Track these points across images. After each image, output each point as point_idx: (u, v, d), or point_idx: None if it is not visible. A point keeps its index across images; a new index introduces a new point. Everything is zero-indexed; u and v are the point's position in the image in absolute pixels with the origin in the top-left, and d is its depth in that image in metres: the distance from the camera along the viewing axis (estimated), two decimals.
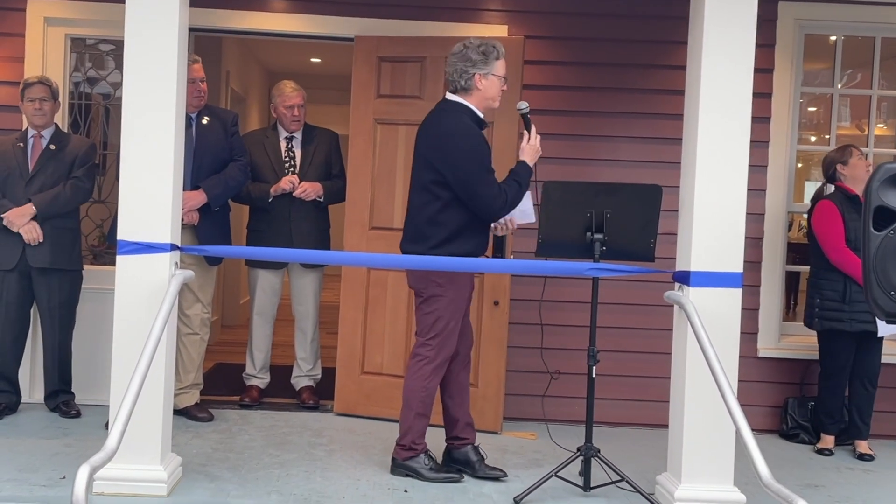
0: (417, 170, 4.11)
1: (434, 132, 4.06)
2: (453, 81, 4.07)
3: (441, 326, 4.06)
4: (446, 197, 4.00)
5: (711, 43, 3.76)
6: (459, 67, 4.04)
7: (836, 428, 4.98)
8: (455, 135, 3.97)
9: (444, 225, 4.03)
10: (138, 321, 3.64)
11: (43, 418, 4.85)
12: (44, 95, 4.83)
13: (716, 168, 3.78)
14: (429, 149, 4.04)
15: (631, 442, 4.91)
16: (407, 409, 4.12)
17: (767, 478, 2.86)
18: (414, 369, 4.12)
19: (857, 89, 6.27)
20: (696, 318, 3.54)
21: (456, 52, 4.07)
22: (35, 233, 4.72)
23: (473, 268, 4.84)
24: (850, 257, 4.76)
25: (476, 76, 4.03)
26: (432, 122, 4.11)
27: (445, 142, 3.98)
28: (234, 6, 5.26)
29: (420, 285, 4.11)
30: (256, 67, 9.50)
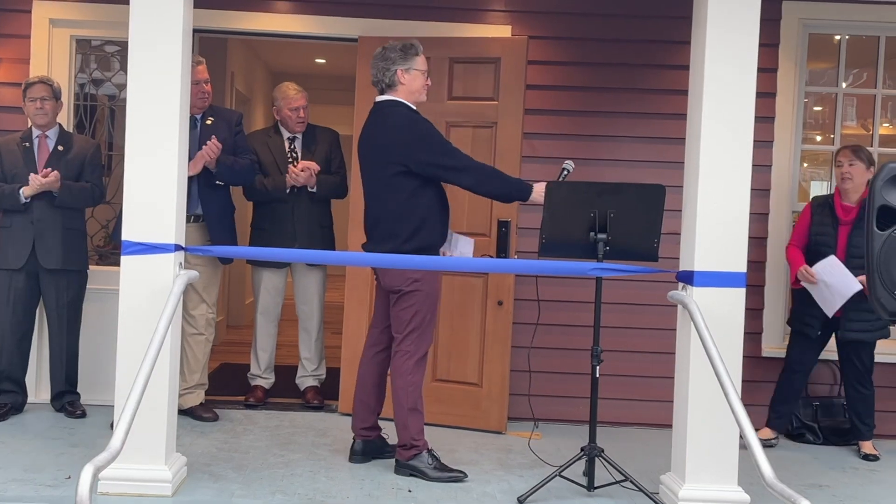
0: (373, 171, 4.19)
1: (382, 130, 4.16)
2: (379, 82, 4.22)
3: (419, 320, 4.15)
4: (411, 187, 4.10)
5: (714, 43, 3.76)
6: (381, 66, 4.19)
7: (780, 423, 5.01)
8: (406, 124, 4.13)
9: (410, 217, 4.13)
10: (143, 321, 3.65)
11: (49, 418, 4.87)
12: (45, 95, 4.84)
13: (719, 168, 3.78)
14: (383, 146, 4.13)
15: (635, 442, 4.91)
16: (398, 407, 4.16)
17: (771, 477, 2.86)
18: (397, 366, 4.18)
19: (861, 88, 6.26)
20: (699, 317, 3.54)
21: (376, 55, 4.23)
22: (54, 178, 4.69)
23: (477, 268, 4.87)
24: (790, 257, 4.93)
25: (398, 72, 4.17)
26: (375, 123, 4.22)
27: (400, 133, 4.10)
28: (238, 7, 5.28)
29: (396, 283, 4.15)
30: (261, 68, 9.52)
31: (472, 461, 4.45)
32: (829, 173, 10.77)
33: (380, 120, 4.19)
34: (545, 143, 5.24)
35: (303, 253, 4.84)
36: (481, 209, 5.03)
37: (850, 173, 4.75)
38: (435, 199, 4.18)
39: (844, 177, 4.77)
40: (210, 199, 4.93)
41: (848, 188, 4.78)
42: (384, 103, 4.22)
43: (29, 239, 4.78)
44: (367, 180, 4.26)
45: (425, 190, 4.14)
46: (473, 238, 4.43)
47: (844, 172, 4.77)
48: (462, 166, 4.10)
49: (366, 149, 4.26)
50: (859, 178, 4.77)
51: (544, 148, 5.23)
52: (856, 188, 4.77)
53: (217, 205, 4.98)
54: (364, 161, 4.28)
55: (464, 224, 5.06)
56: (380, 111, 4.22)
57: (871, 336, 4.81)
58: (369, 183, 4.24)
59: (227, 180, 4.97)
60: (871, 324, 4.74)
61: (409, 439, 4.14)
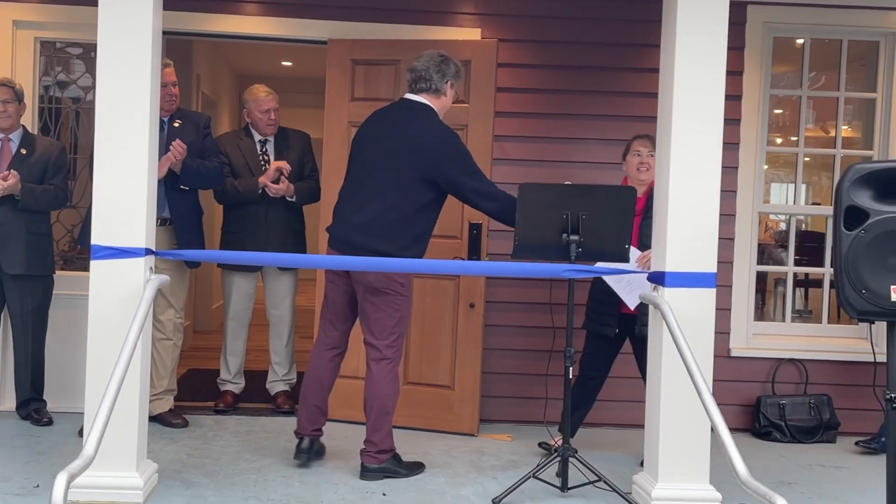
0: (389, 166, 4.07)
1: (414, 128, 4.10)
2: (428, 80, 4.16)
3: (403, 326, 4.17)
4: (429, 198, 4.08)
5: (684, 46, 3.80)
6: (438, 70, 4.16)
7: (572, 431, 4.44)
8: (442, 133, 4.11)
9: (415, 225, 4.11)
10: (113, 327, 3.60)
11: (14, 426, 4.79)
12: (7, 97, 4.77)
13: (689, 170, 3.81)
14: (413, 147, 4.06)
15: (608, 442, 4.94)
16: (380, 413, 4.12)
17: (745, 475, 2.89)
18: (384, 374, 4.12)
19: (823, 91, 6.36)
20: (671, 318, 3.57)
21: (435, 56, 4.18)
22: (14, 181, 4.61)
23: (449, 270, 4.87)
24: None
25: (449, 83, 4.20)
26: (402, 118, 4.14)
27: (434, 139, 4.07)
28: (206, 9, 5.24)
29: (381, 283, 4.10)
30: (227, 71, 9.45)
31: (444, 464, 4.45)
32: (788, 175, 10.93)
33: (409, 116, 4.13)
34: (516, 146, 5.26)
35: (275, 256, 4.81)
36: (452, 211, 5.00)
37: (649, 164, 4.47)
38: (435, 216, 4.18)
39: (640, 167, 4.50)
40: (177, 203, 4.87)
41: (645, 179, 4.48)
42: (417, 103, 4.16)
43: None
44: (375, 173, 4.09)
45: (436, 205, 4.14)
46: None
47: (642, 162, 4.51)
48: (487, 192, 4.10)
49: (385, 140, 4.10)
50: (654, 170, 4.35)
51: (515, 150, 5.25)
52: (650, 179, 4.46)
53: (185, 208, 4.93)
54: (376, 151, 4.10)
55: (435, 226, 5.06)
56: (409, 108, 4.16)
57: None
58: (377, 176, 4.09)
59: (193, 184, 4.92)
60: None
61: (384, 444, 4.13)
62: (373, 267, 4.03)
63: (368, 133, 4.21)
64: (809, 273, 7.03)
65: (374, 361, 4.15)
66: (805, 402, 5.24)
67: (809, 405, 5.23)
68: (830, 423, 5.22)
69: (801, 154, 5.64)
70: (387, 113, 4.24)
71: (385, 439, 4.13)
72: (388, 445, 4.14)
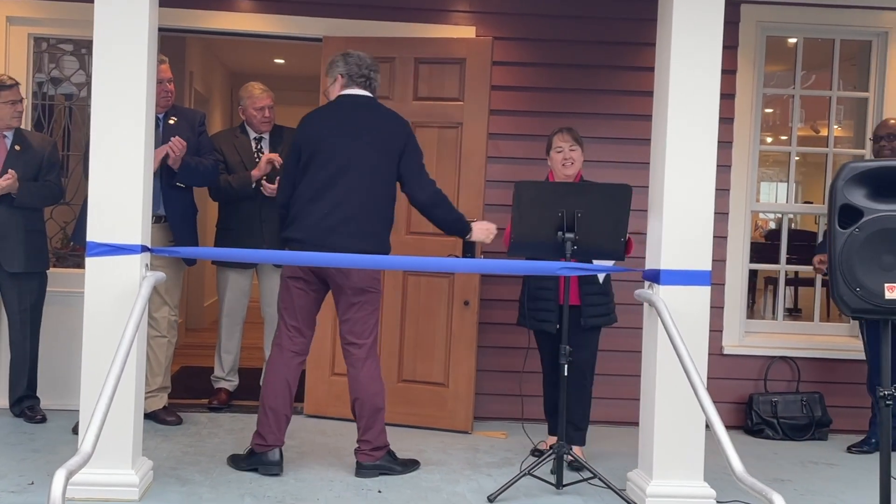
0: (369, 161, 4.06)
1: (382, 122, 4.15)
2: (373, 81, 4.21)
3: (378, 323, 4.22)
4: (394, 188, 4.17)
5: (679, 46, 3.81)
6: (377, 72, 4.24)
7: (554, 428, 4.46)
8: (404, 123, 4.20)
9: (389, 218, 4.19)
10: (108, 324, 3.59)
11: (8, 424, 4.77)
12: (21, 97, 4.80)
13: (684, 168, 3.83)
14: (385, 140, 4.10)
15: (602, 440, 4.95)
16: (376, 411, 4.12)
17: (741, 472, 2.91)
18: (372, 372, 4.13)
19: (815, 90, 6.40)
20: (667, 315, 3.58)
21: (370, 59, 4.23)
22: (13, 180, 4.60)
23: (443, 268, 4.88)
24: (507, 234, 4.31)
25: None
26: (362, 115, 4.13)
27: (401, 130, 4.15)
28: (200, 6, 5.23)
29: (363, 283, 4.10)
30: (220, 68, 9.43)
31: (440, 461, 4.46)
32: (778, 174, 10.99)
33: (372, 112, 4.14)
34: (510, 144, 5.27)
35: (270, 254, 4.80)
36: None
37: (572, 158, 4.39)
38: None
39: (565, 163, 4.38)
40: (172, 200, 4.87)
41: (571, 174, 4.39)
42: (372, 100, 4.19)
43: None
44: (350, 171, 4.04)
45: (396, 193, 4.19)
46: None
47: (566, 158, 4.39)
48: (429, 182, 4.18)
49: (353, 138, 4.06)
50: (579, 163, 4.42)
51: (509, 148, 5.26)
52: (576, 173, 4.42)
53: (180, 205, 4.92)
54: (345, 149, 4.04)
55: (429, 224, 5.06)
56: (367, 104, 4.16)
57: (605, 321, 4.43)
58: (352, 174, 4.04)
59: (189, 181, 4.91)
60: (607, 307, 4.41)
61: (378, 440, 4.13)
62: (370, 265, 4.04)
63: (328, 133, 4.08)
64: (799, 272, 7.08)
65: (360, 361, 4.12)
66: (797, 400, 5.27)
67: (801, 403, 5.26)
68: (822, 421, 5.25)
69: (794, 153, 5.68)
70: (339, 110, 4.14)
71: (379, 436, 4.14)
72: (383, 442, 4.15)
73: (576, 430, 4.35)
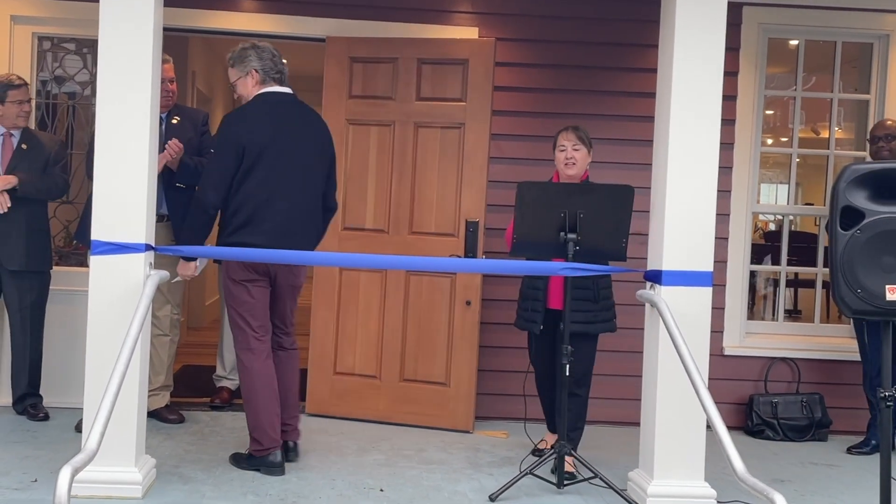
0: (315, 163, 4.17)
1: (317, 122, 4.27)
2: (285, 76, 4.24)
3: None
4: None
5: (682, 47, 3.83)
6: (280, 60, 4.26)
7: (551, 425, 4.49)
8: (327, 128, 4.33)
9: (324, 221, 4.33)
10: (112, 322, 3.61)
11: (10, 421, 4.78)
12: (29, 97, 4.83)
13: (687, 169, 3.85)
14: (323, 140, 4.23)
15: (604, 439, 4.97)
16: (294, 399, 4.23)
17: (743, 472, 2.93)
18: (295, 361, 4.32)
19: (816, 92, 6.42)
20: (669, 316, 3.60)
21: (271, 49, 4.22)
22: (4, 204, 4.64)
23: (446, 268, 4.91)
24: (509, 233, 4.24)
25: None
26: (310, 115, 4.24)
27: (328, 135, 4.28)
28: (203, 6, 5.24)
29: (303, 278, 4.29)
30: (221, 67, 9.38)
31: (441, 460, 4.48)
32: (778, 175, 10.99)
33: (305, 112, 4.22)
34: (512, 144, 5.29)
35: (274, 253, 4.78)
36: (449, 209, 5.07)
37: (575, 158, 4.31)
38: None
39: (567, 162, 4.31)
40: (175, 199, 4.87)
41: (573, 175, 4.32)
42: (297, 98, 4.25)
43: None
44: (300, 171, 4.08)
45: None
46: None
47: (568, 158, 4.31)
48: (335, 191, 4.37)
49: (298, 135, 4.10)
50: (582, 164, 4.33)
51: (511, 149, 5.28)
52: (579, 173, 4.34)
53: (183, 204, 4.91)
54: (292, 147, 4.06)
55: (432, 224, 5.10)
56: (296, 103, 4.22)
57: (594, 328, 4.30)
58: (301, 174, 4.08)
59: (190, 181, 4.91)
60: (595, 314, 4.28)
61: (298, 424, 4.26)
62: (375, 264, 4.09)
63: (273, 133, 4.04)
64: (799, 273, 7.10)
65: (291, 349, 4.32)
66: (797, 401, 5.29)
67: (801, 404, 5.27)
68: (822, 422, 5.27)
69: (795, 155, 5.69)
70: (274, 110, 4.12)
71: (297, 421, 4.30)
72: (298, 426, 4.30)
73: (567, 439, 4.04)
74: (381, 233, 5.17)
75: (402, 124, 5.14)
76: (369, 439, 4.78)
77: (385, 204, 5.16)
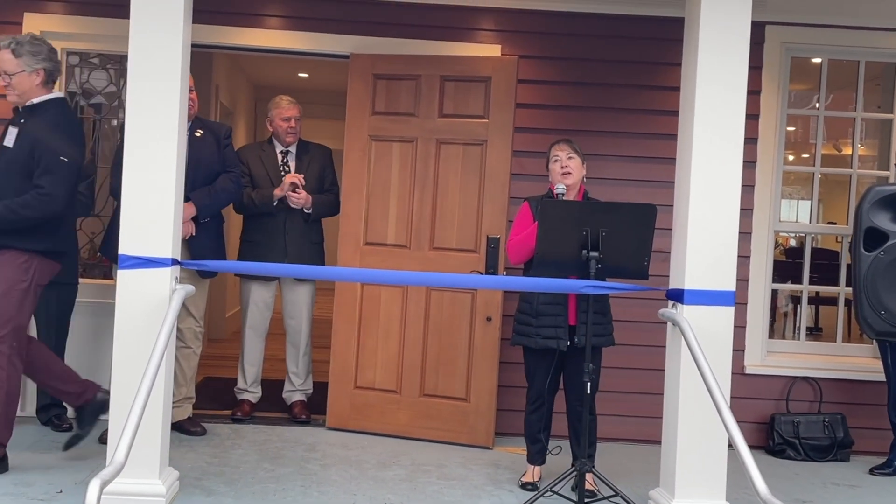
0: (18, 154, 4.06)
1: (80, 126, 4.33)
2: (54, 73, 4.25)
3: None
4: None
5: (705, 66, 3.84)
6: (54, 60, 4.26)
7: (539, 457, 4.38)
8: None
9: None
10: (139, 336, 3.65)
11: (35, 432, 4.83)
12: None
13: (710, 188, 3.86)
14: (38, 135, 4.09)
15: (624, 457, 4.96)
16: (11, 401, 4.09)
17: (766, 493, 2.92)
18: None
19: (839, 111, 6.40)
20: (691, 335, 3.60)
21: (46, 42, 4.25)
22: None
23: (467, 284, 4.92)
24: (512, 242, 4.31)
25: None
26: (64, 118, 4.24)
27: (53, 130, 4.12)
28: (229, 22, 5.31)
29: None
30: (244, 81, 9.54)
31: (461, 476, 4.48)
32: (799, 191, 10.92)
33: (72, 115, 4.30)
34: (534, 161, 5.29)
35: (296, 268, 4.84)
36: (470, 225, 5.09)
37: (570, 167, 4.29)
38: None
39: (565, 171, 4.28)
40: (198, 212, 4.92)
41: (570, 184, 4.29)
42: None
43: None
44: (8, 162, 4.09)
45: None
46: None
47: (563, 166, 4.28)
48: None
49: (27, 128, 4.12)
50: (578, 173, 4.31)
51: (533, 166, 5.28)
52: (575, 183, 4.31)
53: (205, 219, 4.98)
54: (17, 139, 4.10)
55: (453, 239, 5.12)
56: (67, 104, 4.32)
57: (601, 341, 4.25)
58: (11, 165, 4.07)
59: (212, 213, 4.96)
60: (603, 328, 4.25)
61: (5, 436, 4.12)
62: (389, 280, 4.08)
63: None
64: (820, 291, 7.06)
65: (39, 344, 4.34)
66: (819, 421, 5.26)
67: (823, 423, 5.25)
68: (844, 442, 5.24)
69: (818, 173, 5.68)
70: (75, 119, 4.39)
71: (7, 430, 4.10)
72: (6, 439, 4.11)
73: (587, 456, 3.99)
74: (402, 248, 5.20)
75: (424, 141, 5.17)
76: (389, 454, 4.80)
77: (407, 219, 5.19)
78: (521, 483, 4.37)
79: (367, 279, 5.14)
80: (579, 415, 4.11)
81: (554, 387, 4.34)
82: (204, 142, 4.97)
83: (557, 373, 4.32)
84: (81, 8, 5.24)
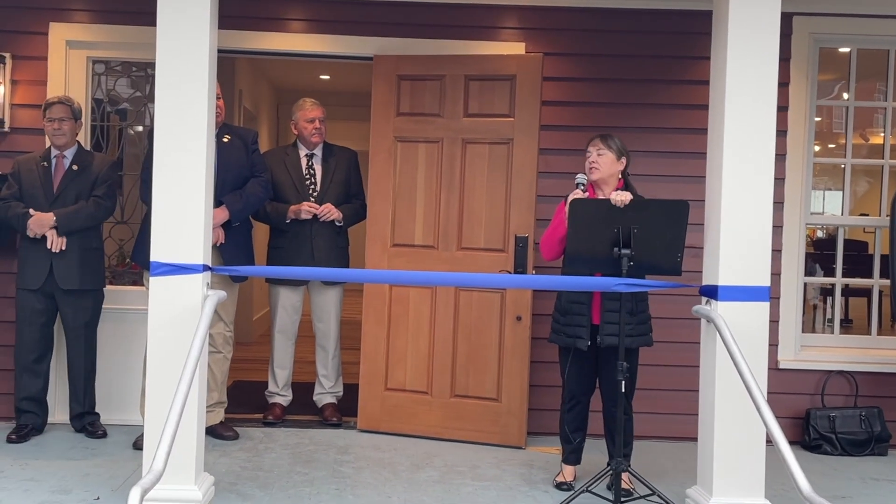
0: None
1: None
2: None
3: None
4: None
5: (735, 58, 3.80)
6: None
7: (573, 456, 4.34)
8: None
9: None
10: (172, 342, 3.65)
11: (69, 439, 4.86)
12: (63, 115, 4.85)
13: (742, 182, 3.81)
14: None
15: (660, 455, 4.92)
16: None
17: (808, 491, 2.88)
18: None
19: (868, 101, 6.32)
20: (727, 332, 3.56)
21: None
22: (58, 242, 4.74)
23: (496, 284, 4.90)
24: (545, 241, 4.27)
25: None
26: None
27: None
28: (253, 27, 5.31)
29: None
30: (266, 85, 9.56)
31: (495, 477, 4.46)
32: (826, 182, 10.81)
33: None
34: (561, 159, 5.27)
35: (328, 271, 4.84)
36: (497, 224, 5.07)
37: (598, 163, 4.24)
38: None
39: (592, 167, 4.26)
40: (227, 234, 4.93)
41: (596, 178, 4.25)
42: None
43: (47, 259, 4.79)
44: None
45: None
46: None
47: (592, 162, 4.26)
48: None
49: None
50: (607, 168, 4.24)
51: (560, 163, 5.26)
52: (605, 179, 4.26)
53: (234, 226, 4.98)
54: None
55: (481, 239, 5.10)
56: None
57: (632, 342, 4.12)
58: None
59: (243, 218, 4.98)
60: (633, 328, 4.11)
61: None
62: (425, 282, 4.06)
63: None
64: (850, 283, 6.97)
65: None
66: (855, 415, 5.20)
67: (860, 417, 5.18)
68: (882, 436, 5.17)
69: (849, 164, 5.61)
70: None
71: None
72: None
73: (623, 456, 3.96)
74: (430, 248, 5.18)
75: (450, 141, 5.16)
76: (422, 456, 4.79)
77: (434, 220, 5.17)
78: (555, 483, 4.34)
79: (395, 281, 5.13)
80: (613, 415, 4.08)
81: (588, 387, 4.31)
82: (232, 147, 4.98)
83: (592, 372, 4.29)
84: (106, 17, 5.26)
